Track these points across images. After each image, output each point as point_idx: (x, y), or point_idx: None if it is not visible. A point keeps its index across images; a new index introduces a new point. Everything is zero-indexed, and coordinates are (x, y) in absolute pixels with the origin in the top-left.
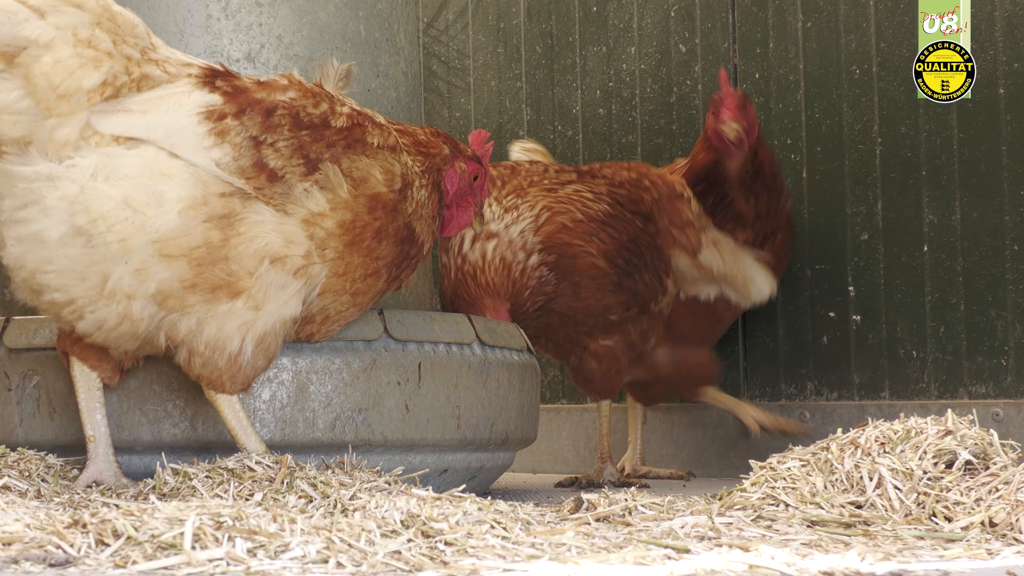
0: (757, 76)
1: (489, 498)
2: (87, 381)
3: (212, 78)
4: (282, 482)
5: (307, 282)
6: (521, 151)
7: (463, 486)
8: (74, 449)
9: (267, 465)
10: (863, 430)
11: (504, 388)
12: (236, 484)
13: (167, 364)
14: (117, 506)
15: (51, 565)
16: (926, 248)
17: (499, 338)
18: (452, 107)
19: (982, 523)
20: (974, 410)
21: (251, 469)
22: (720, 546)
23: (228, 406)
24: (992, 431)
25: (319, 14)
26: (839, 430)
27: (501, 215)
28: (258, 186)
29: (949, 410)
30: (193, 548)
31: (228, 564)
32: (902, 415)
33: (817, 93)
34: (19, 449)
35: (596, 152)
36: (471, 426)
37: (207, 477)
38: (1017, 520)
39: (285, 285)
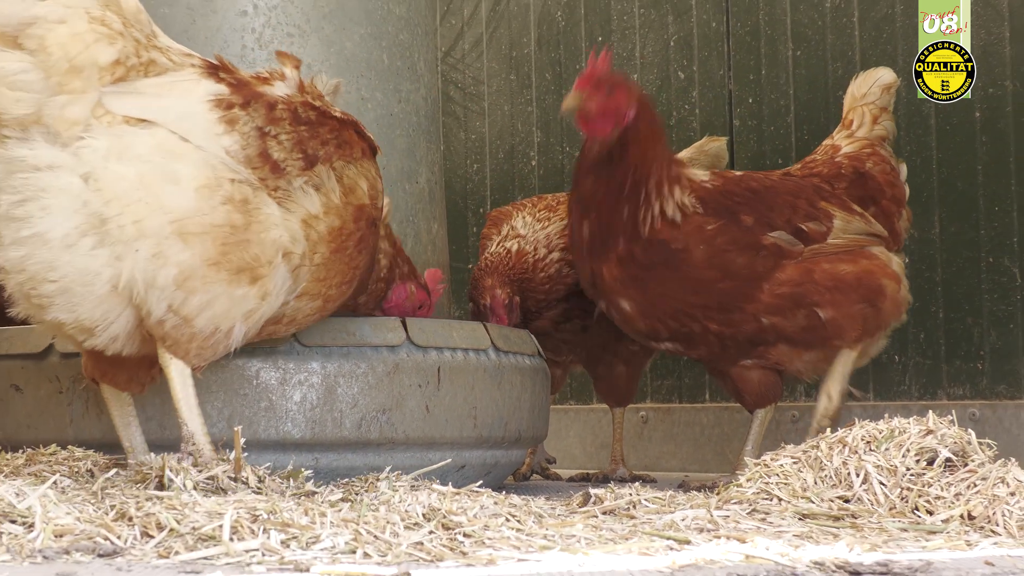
0: (751, 101)
1: (503, 493)
2: (118, 400)
3: (215, 70)
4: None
5: (294, 282)
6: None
7: (480, 481)
8: (120, 447)
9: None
10: (850, 429)
11: (517, 390)
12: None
13: (205, 368)
14: (160, 500)
15: (99, 555)
16: (908, 260)
17: (512, 344)
18: (468, 130)
19: (961, 516)
20: (953, 411)
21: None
22: (718, 537)
23: (180, 377)
24: (970, 430)
25: (345, 44)
26: (828, 430)
27: (532, 223)
28: (262, 176)
29: (930, 411)
30: (231, 540)
31: (263, 554)
32: (886, 415)
33: (806, 116)
34: (69, 448)
35: None
36: (487, 425)
37: None
38: (994, 513)
39: (285, 280)
